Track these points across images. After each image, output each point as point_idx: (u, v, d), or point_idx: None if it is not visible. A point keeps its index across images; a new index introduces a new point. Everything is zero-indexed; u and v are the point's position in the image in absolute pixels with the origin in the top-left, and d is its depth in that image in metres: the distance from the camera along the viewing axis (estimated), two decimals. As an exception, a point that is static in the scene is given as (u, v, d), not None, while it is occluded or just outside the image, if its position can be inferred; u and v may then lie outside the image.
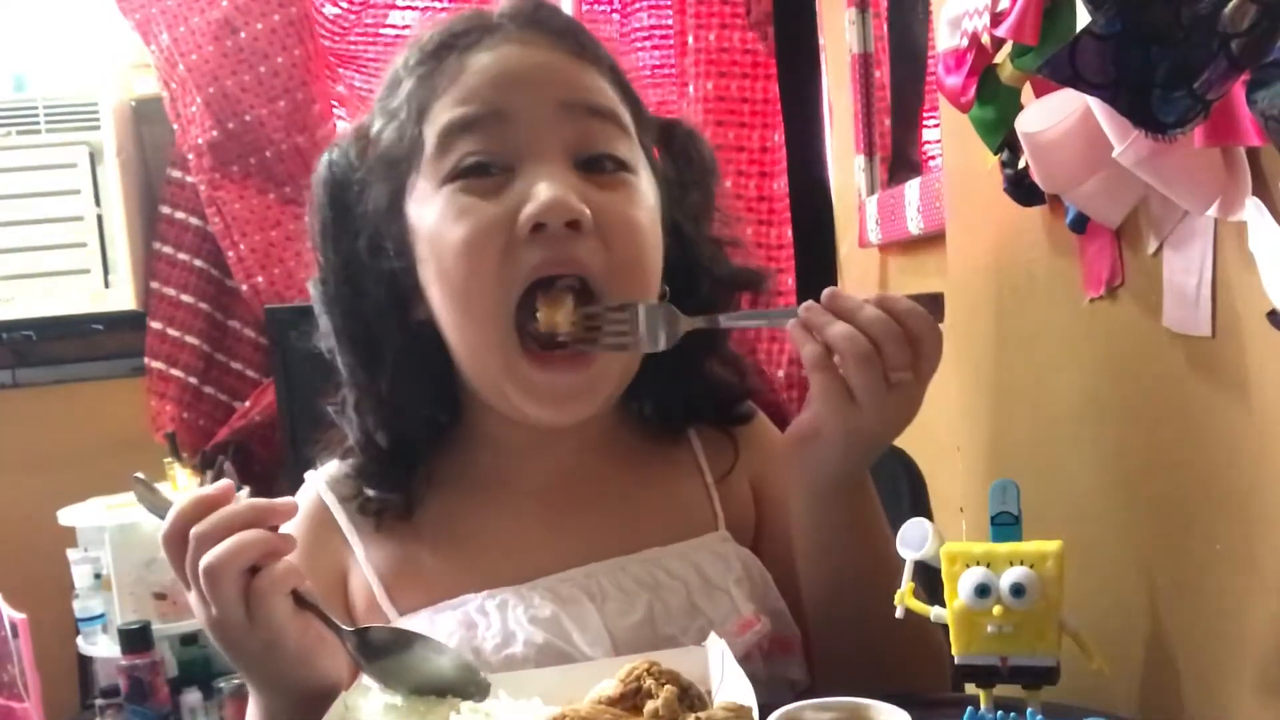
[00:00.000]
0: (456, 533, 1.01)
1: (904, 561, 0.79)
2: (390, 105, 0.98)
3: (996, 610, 0.68)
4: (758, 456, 1.07)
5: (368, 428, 1.01)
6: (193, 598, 0.85)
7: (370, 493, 1.02)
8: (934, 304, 0.90)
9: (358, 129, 1.02)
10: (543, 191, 0.90)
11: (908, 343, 0.87)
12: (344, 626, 0.86)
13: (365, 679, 0.95)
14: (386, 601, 0.99)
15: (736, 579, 0.98)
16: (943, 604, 0.72)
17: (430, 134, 0.94)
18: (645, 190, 0.97)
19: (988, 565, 0.69)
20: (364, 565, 1.00)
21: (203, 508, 0.84)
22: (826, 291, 0.88)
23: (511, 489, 1.01)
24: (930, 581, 0.76)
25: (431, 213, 0.94)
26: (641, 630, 0.94)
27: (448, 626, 0.95)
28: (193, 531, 0.83)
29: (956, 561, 0.70)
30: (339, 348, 1.01)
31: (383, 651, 0.85)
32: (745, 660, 0.93)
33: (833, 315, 0.86)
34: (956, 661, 0.71)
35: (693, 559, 0.99)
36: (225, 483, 0.86)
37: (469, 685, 0.84)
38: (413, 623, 0.96)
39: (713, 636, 0.86)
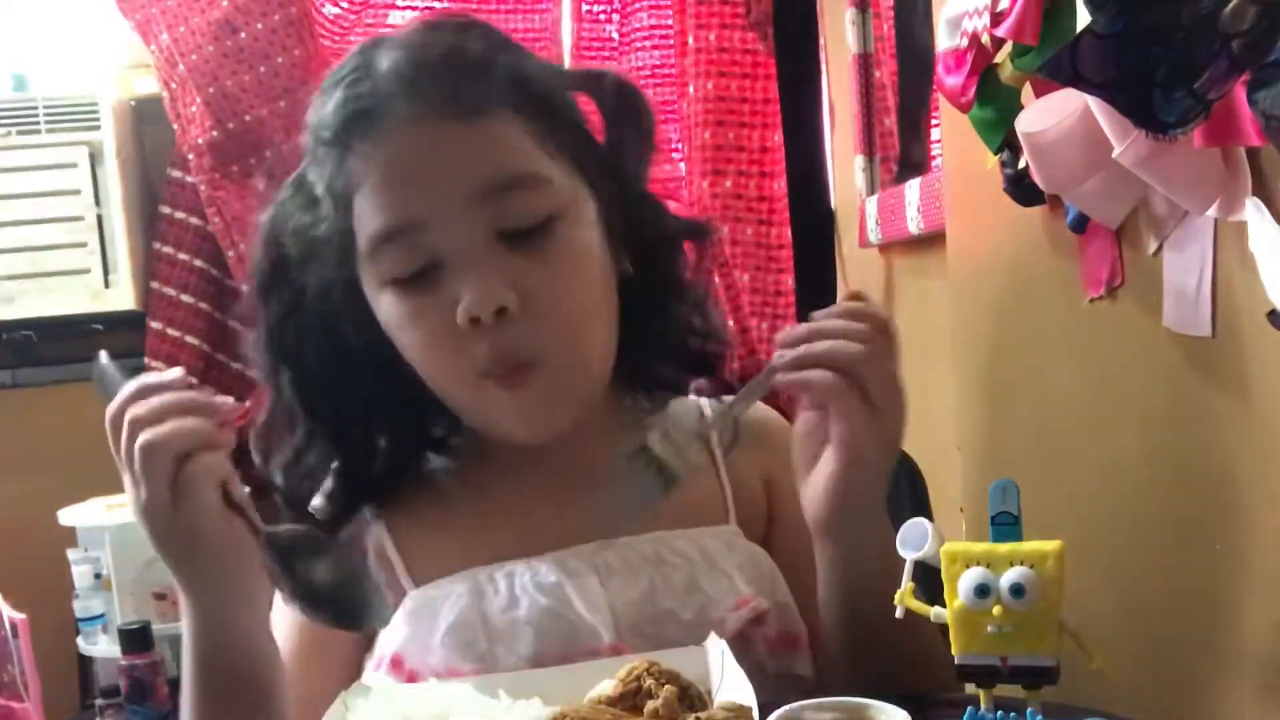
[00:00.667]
0: (469, 504, 1.04)
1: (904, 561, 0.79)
2: (316, 183, 0.99)
3: (996, 610, 0.68)
4: (769, 453, 1.07)
5: (324, 460, 1.04)
6: (126, 480, 0.88)
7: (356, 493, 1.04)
8: (858, 297, 0.95)
9: (296, 185, 1.03)
10: (466, 290, 0.91)
11: (883, 334, 0.89)
12: (262, 526, 0.89)
13: (365, 680, 0.95)
14: (404, 572, 1.01)
15: (740, 564, 0.99)
16: (942, 604, 0.72)
17: (360, 236, 0.95)
18: (575, 231, 0.96)
19: (988, 565, 0.69)
20: (382, 535, 1.03)
21: (147, 392, 0.89)
22: (781, 332, 0.92)
23: (520, 465, 1.02)
24: (930, 581, 0.76)
25: (383, 308, 0.97)
26: (642, 604, 0.96)
27: (457, 589, 0.97)
28: (129, 411, 0.88)
29: (956, 561, 0.70)
30: (290, 395, 1.03)
31: (292, 553, 0.89)
32: (748, 649, 0.94)
33: (804, 343, 0.89)
34: (956, 661, 0.71)
35: (699, 541, 1.00)
36: (175, 371, 0.91)
37: (369, 600, 0.90)
38: (425, 590, 0.98)
39: (713, 636, 0.86)
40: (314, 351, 1.01)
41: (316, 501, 1.04)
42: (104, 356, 0.96)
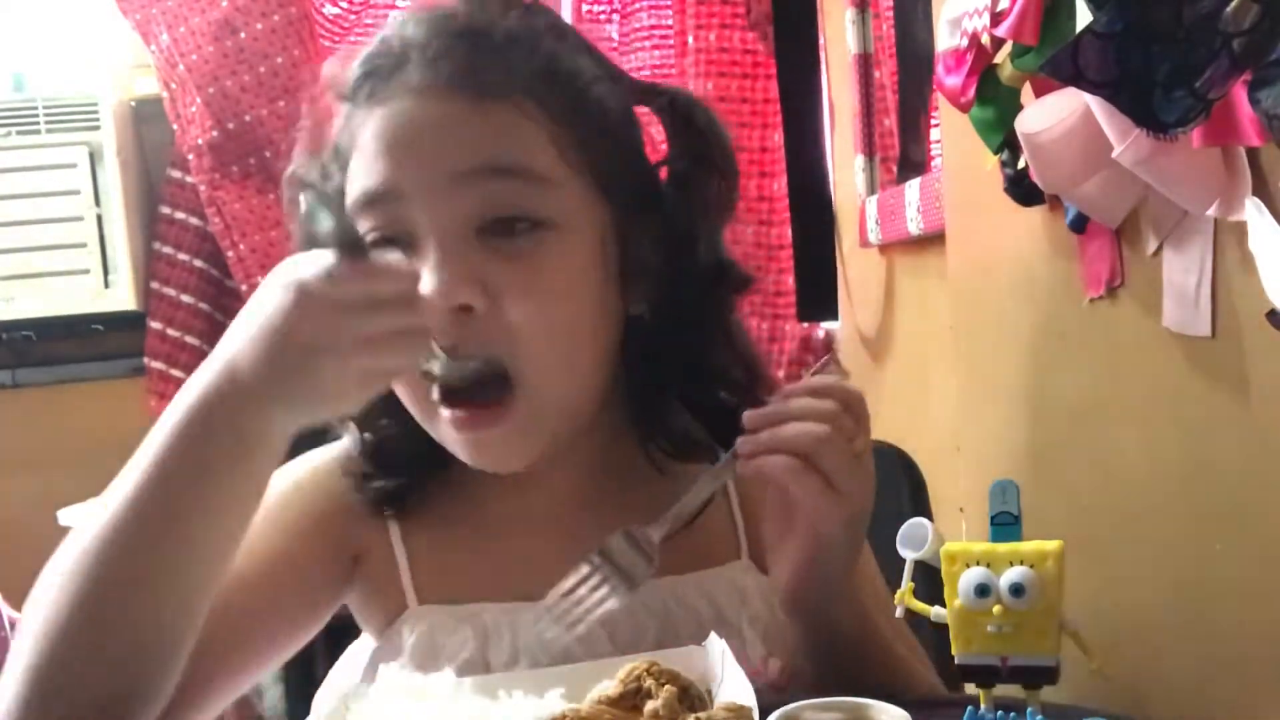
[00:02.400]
0: (478, 534, 1.00)
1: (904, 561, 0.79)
2: (329, 139, 0.96)
3: (996, 610, 0.68)
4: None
5: (363, 431, 0.99)
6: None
7: (375, 484, 0.99)
8: (827, 365, 0.92)
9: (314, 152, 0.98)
10: (428, 279, 0.85)
11: (843, 408, 0.86)
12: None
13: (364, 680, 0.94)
14: (410, 585, 0.98)
15: (751, 617, 0.96)
16: (942, 604, 0.72)
17: (349, 192, 0.91)
18: (567, 247, 0.89)
19: (988, 565, 0.69)
20: (396, 541, 0.99)
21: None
22: (746, 415, 0.87)
23: (529, 498, 0.99)
24: (930, 582, 0.76)
25: None
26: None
27: (462, 633, 0.94)
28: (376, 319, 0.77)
29: (956, 561, 0.70)
30: None
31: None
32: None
33: (769, 425, 0.86)
34: (956, 661, 0.71)
35: (708, 590, 0.97)
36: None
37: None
38: (429, 617, 0.96)
39: (713, 636, 0.86)
40: None
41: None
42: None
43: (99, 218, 2.98)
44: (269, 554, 0.94)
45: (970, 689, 0.72)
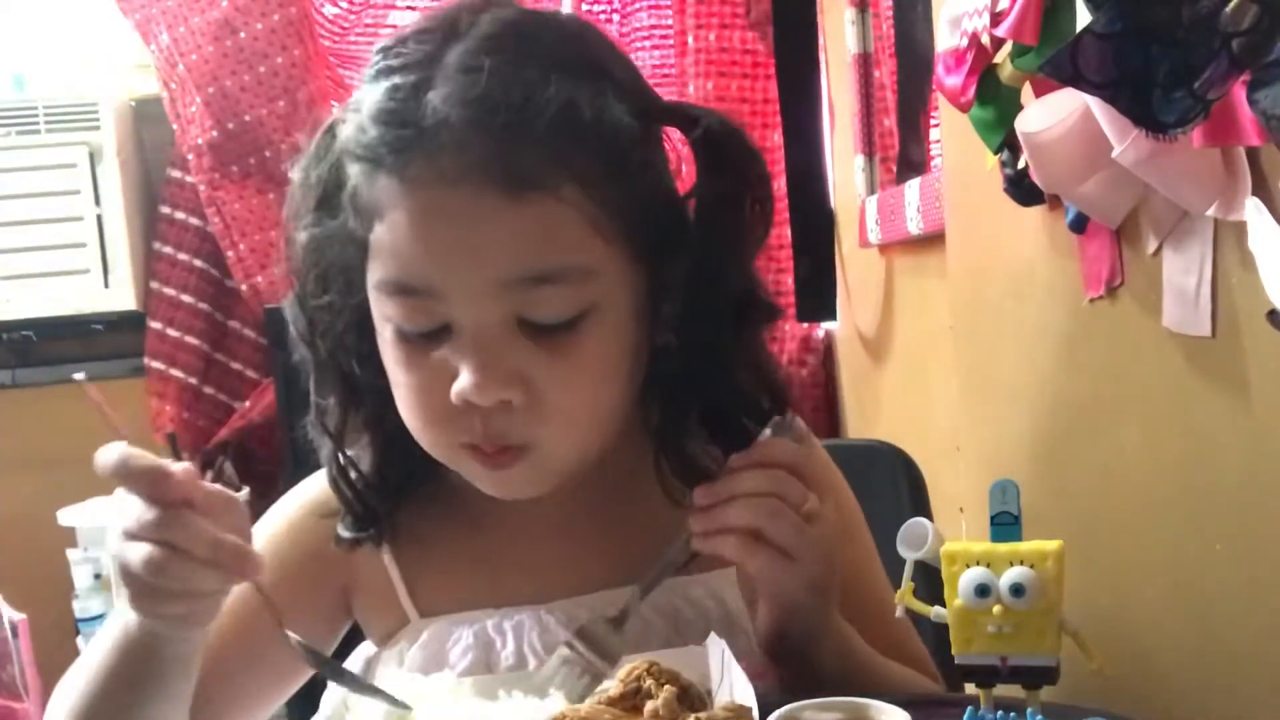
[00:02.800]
0: (479, 542, 1.00)
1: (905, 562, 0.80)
2: (344, 176, 0.90)
3: (996, 610, 0.68)
4: (802, 448, 1.04)
5: (340, 472, 0.98)
6: (126, 547, 0.81)
7: (342, 531, 0.98)
8: (784, 429, 0.92)
9: (321, 153, 0.93)
10: (468, 373, 0.84)
11: (792, 476, 0.86)
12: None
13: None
14: (408, 601, 0.98)
15: None
16: (942, 604, 0.72)
17: (373, 266, 0.88)
18: (604, 330, 0.87)
19: (988, 565, 0.69)
20: (387, 559, 1.00)
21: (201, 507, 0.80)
22: (697, 492, 0.88)
23: (531, 507, 0.97)
24: (930, 582, 0.76)
25: (382, 336, 0.90)
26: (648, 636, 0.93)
27: (464, 640, 0.95)
28: (168, 535, 0.79)
29: (956, 561, 0.70)
30: (314, 370, 0.97)
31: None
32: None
33: (717, 504, 0.86)
34: (956, 661, 0.71)
35: (715, 590, 0.98)
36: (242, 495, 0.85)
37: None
38: (430, 629, 0.96)
39: (713, 636, 0.86)
40: (333, 333, 0.94)
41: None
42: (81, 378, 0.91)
43: (99, 218, 2.98)
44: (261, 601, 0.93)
45: (970, 689, 0.72)
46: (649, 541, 0.96)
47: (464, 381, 0.84)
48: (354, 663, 1.02)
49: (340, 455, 0.97)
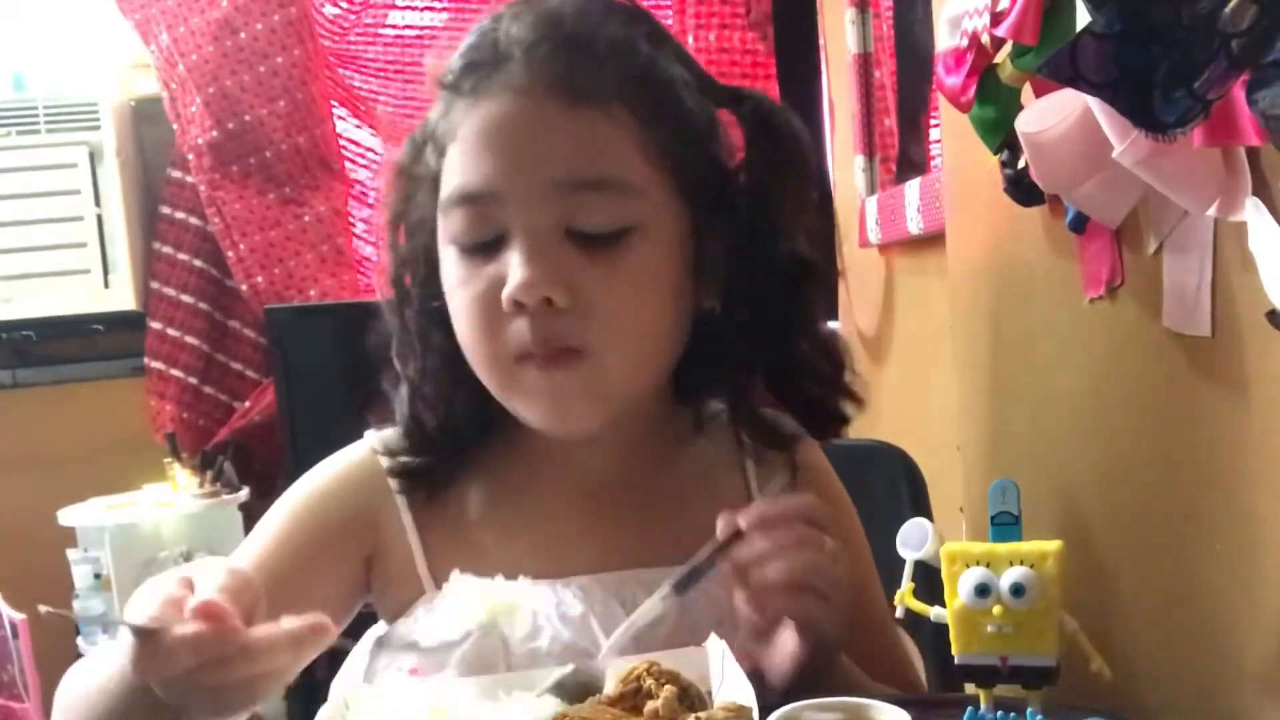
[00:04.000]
0: (500, 519, 1.02)
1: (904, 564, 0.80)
2: (426, 124, 1.00)
3: (996, 610, 0.68)
4: (810, 494, 1.05)
5: (417, 410, 1.03)
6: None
7: (407, 460, 1.03)
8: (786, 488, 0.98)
9: (414, 133, 1.03)
10: (517, 272, 0.91)
11: (807, 524, 0.90)
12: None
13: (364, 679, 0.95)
14: (425, 570, 1.00)
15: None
16: (942, 604, 0.72)
17: (443, 185, 0.96)
18: (648, 249, 0.94)
19: (988, 565, 0.69)
20: (410, 530, 1.02)
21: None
22: (735, 556, 0.91)
23: (555, 486, 1.02)
24: (930, 582, 0.76)
25: (445, 265, 0.97)
26: (668, 644, 0.93)
27: (473, 597, 0.96)
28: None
29: (956, 561, 0.70)
30: (396, 333, 1.04)
31: None
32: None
33: (748, 567, 0.90)
34: (956, 661, 0.71)
35: (723, 578, 0.97)
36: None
37: None
38: (443, 592, 0.98)
39: (713, 637, 0.86)
40: (416, 288, 1.01)
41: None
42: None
43: (99, 218, 2.99)
44: (286, 568, 0.99)
45: (970, 689, 0.72)
46: (672, 522, 1.00)
47: (513, 280, 0.91)
48: (366, 644, 1.03)
49: (419, 397, 1.02)
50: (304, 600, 0.94)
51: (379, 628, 1.05)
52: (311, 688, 1.04)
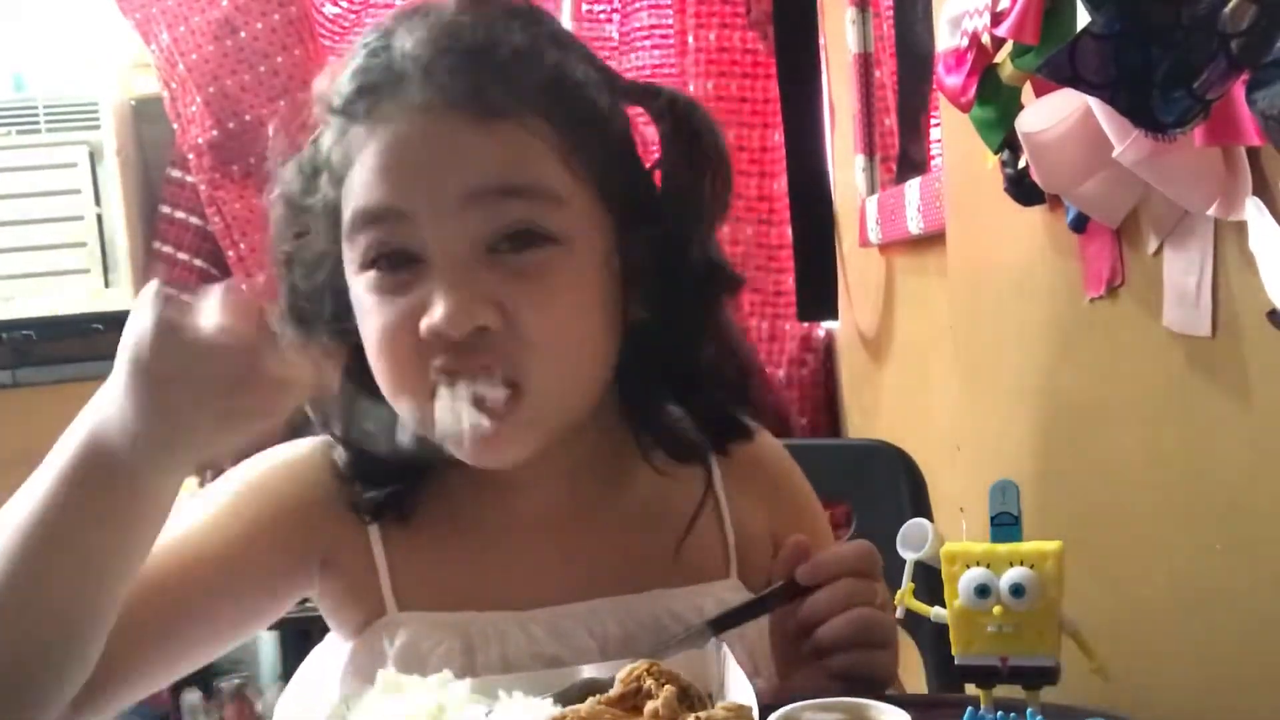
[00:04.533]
0: (462, 539, 0.98)
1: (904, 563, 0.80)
2: (316, 156, 0.93)
3: (997, 610, 0.68)
4: (777, 508, 1.05)
5: (351, 443, 0.97)
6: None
7: (362, 489, 0.96)
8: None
9: (301, 164, 0.95)
10: (440, 304, 0.84)
11: (859, 577, 0.91)
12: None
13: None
14: (389, 591, 0.95)
15: (740, 633, 0.94)
16: (942, 604, 0.72)
17: (345, 210, 0.89)
18: (575, 262, 0.89)
19: (988, 565, 0.69)
20: (375, 544, 0.96)
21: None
22: (802, 610, 0.92)
23: (515, 505, 0.98)
24: (930, 582, 0.76)
25: (355, 291, 0.91)
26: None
27: (447, 642, 0.92)
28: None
29: (956, 562, 0.70)
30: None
31: None
32: None
33: (809, 620, 0.91)
34: (956, 662, 0.71)
35: (699, 604, 0.96)
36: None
37: None
38: (411, 624, 0.93)
39: (713, 638, 0.86)
40: (326, 327, 0.93)
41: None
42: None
43: (99, 217, 2.98)
44: (230, 537, 0.93)
45: (970, 689, 0.72)
46: (637, 542, 0.97)
47: (436, 312, 0.84)
48: (322, 666, 1.00)
49: (358, 435, 0.95)
50: (242, 580, 0.93)
51: (327, 648, 1.01)
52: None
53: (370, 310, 0.89)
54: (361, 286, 0.89)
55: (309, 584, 0.98)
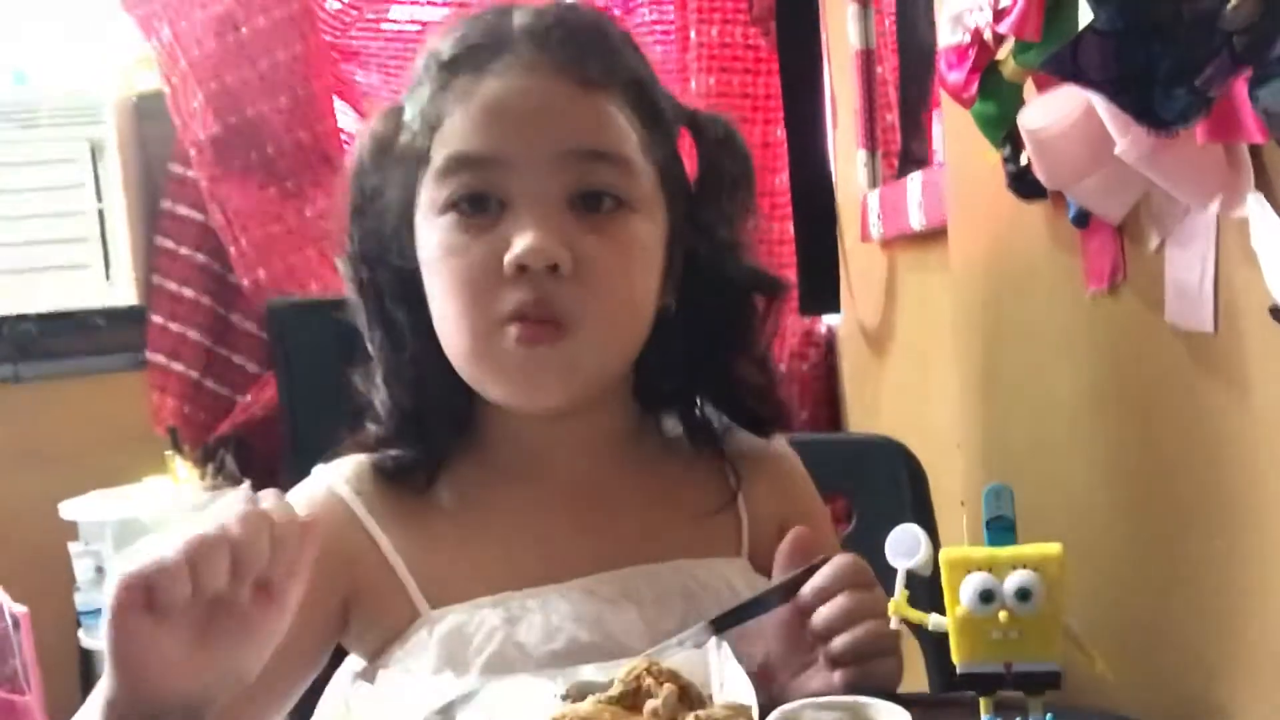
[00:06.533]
0: (483, 526, 1.00)
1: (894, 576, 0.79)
2: (410, 107, 1.00)
3: (1002, 616, 0.67)
4: (788, 500, 1.08)
5: (396, 396, 1.01)
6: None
7: (393, 453, 1.01)
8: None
9: (390, 112, 1.03)
10: (525, 237, 0.92)
11: (862, 588, 0.91)
12: None
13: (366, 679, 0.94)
14: (418, 593, 0.96)
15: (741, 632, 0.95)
16: (938, 609, 0.71)
17: (437, 155, 0.96)
18: (642, 228, 0.98)
19: (989, 570, 0.68)
20: (391, 555, 0.98)
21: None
22: (811, 622, 0.91)
23: (534, 487, 1.01)
24: (926, 586, 0.75)
25: (430, 236, 0.97)
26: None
27: (491, 621, 0.93)
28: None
29: (957, 568, 0.69)
30: (365, 322, 1.04)
31: None
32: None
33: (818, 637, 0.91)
34: (959, 671, 0.70)
35: (723, 573, 0.99)
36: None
37: None
38: (450, 617, 0.94)
39: (712, 637, 0.86)
40: (389, 269, 1.01)
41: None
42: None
43: (100, 212, 2.99)
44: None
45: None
46: (657, 518, 1.01)
47: (521, 245, 0.91)
48: (344, 676, 1.01)
49: (396, 379, 1.01)
50: (279, 651, 0.88)
51: (354, 662, 1.01)
52: (313, 691, 1.03)
53: (449, 247, 0.95)
54: (440, 229, 0.96)
55: (339, 629, 0.99)
